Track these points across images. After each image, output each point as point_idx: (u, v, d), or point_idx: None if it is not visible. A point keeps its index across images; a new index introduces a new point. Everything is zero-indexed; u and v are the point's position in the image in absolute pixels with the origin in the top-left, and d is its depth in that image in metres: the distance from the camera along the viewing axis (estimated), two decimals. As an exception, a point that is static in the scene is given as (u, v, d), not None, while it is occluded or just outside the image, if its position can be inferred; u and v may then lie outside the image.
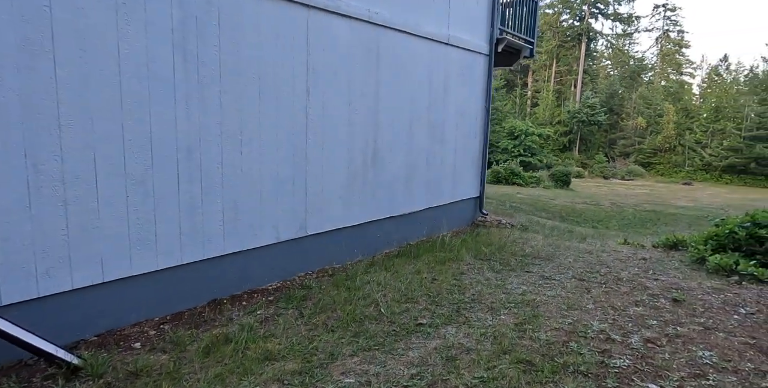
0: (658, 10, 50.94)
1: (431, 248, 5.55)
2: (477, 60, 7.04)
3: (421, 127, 6.06)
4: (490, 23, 7.14)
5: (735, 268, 4.71)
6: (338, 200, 5.00)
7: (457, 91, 6.70)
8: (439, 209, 6.59)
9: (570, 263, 5.02)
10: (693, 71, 51.50)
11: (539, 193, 16.50)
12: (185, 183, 3.65)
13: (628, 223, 10.50)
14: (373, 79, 5.24)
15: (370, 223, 5.43)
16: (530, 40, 8.35)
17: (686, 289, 4.04)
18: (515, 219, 7.91)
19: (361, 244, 5.32)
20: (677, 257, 5.51)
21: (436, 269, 4.64)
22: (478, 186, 7.47)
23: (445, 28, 6.24)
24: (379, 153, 5.45)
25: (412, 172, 6.00)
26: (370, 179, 5.36)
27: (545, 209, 11.59)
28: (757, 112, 34.72)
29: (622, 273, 4.56)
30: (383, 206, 5.60)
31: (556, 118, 43.77)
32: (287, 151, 4.39)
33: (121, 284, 3.37)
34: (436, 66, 6.19)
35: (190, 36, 3.54)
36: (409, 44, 5.67)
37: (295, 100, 4.41)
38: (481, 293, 3.95)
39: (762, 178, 33.20)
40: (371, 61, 5.18)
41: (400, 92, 5.64)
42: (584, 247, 5.97)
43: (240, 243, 4.09)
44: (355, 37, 4.93)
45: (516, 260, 5.08)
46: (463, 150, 7.00)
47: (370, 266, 4.81)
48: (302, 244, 4.68)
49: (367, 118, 5.23)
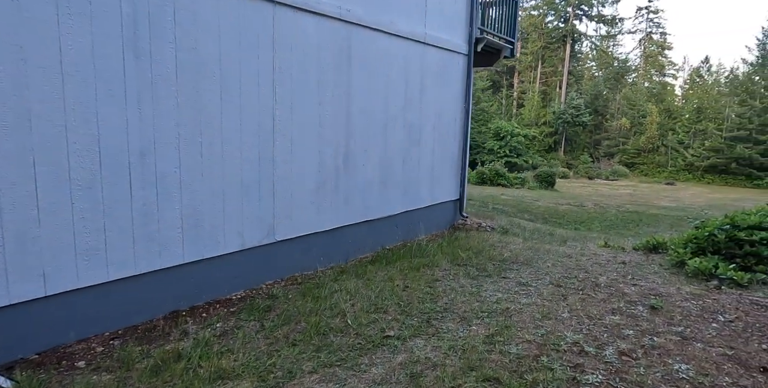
0: (641, 12, 51.54)
1: (407, 253, 5.38)
2: (455, 60, 6.90)
3: (396, 128, 5.90)
4: (469, 22, 7.01)
5: (714, 272, 4.62)
6: (309, 205, 4.81)
7: (434, 91, 6.55)
8: (416, 212, 6.43)
9: (548, 267, 4.89)
10: (675, 73, 52.23)
11: (523, 194, 16.46)
12: (139, 189, 3.43)
13: (610, 224, 10.46)
14: (345, 79, 5.06)
15: (342, 228, 5.25)
16: (510, 40, 8.24)
17: (665, 295, 3.92)
18: (496, 222, 7.79)
19: (333, 250, 5.14)
20: (657, 260, 5.42)
21: (410, 276, 4.48)
22: (458, 188, 7.33)
23: (422, 27, 6.08)
24: (352, 156, 5.27)
25: (387, 175, 5.83)
26: (342, 183, 5.18)
27: (528, 210, 11.50)
28: (738, 113, 35.25)
29: (600, 278, 4.43)
30: (357, 210, 5.42)
31: (541, 119, 44.02)
32: (253, 154, 4.19)
33: (67, 297, 3.14)
34: (412, 66, 6.03)
35: (142, 32, 3.33)
36: (383, 43, 5.51)
37: (261, 100, 4.21)
38: (454, 302, 3.79)
39: (742, 178, 33.68)
40: (343, 60, 5.00)
41: (374, 93, 5.47)
42: (564, 250, 5.85)
43: (201, 251, 3.88)
44: (325, 35, 4.75)
45: (493, 266, 4.93)
46: (441, 152, 6.85)
47: (342, 273, 4.63)
48: (270, 251, 4.48)
49: (339, 120, 5.05)
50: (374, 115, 5.52)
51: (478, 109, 40.21)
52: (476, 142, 36.87)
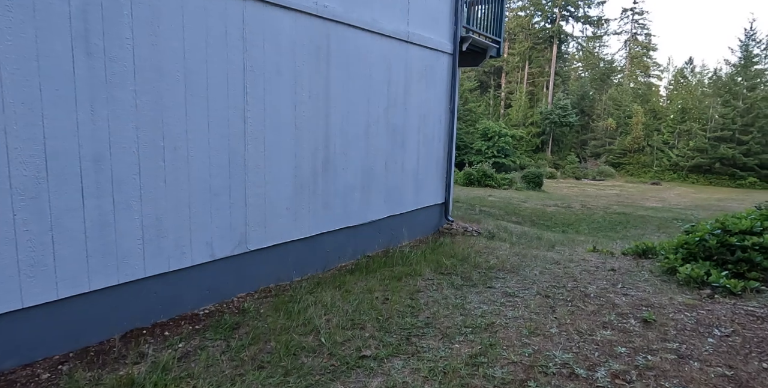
0: (626, 14, 52.04)
1: (389, 261, 5.15)
2: (440, 59, 6.68)
3: (379, 130, 5.66)
4: (454, 21, 6.80)
5: (706, 279, 4.46)
6: (284, 212, 4.55)
7: (418, 92, 6.33)
8: (400, 217, 6.20)
9: (536, 275, 4.69)
10: (660, 73, 52.81)
11: (511, 195, 16.33)
12: (92, 198, 3.14)
13: (598, 226, 10.34)
14: (323, 79, 4.81)
15: (321, 235, 4.99)
16: (497, 40, 8.05)
17: (657, 306, 3.74)
18: (483, 225, 7.60)
19: (311, 259, 4.88)
20: (647, 266, 5.26)
21: (391, 287, 4.24)
22: (443, 192, 7.12)
23: (405, 25, 5.85)
24: (332, 159, 5.02)
25: (369, 179, 5.59)
26: (321, 188, 4.93)
27: (516, 212, 11.35)
28: (721, 113, 35.67)
29: (589, 288, 4.24)
30: (337, 216, 5.17)
31: (529, 119, 44.16)
32: (222, 159, 3.92)
33: (9, 318, 2.85)
34: (395, 65, 5.80)
35: (94, 27, 3.05)
36: (364, 41, 5.27)
37: (231, 102, 3.94)
38: (436, 316, 3.56)
39: (726, 178, 34.09)
40: (321, 59, 4.75)
41: (354, 93, 5.22)
42: (552, 256, 5.67)
43: (165, 264, 3.60)
44: (301, 32, 4.49)
45: (479, 274, 4.72)
46: (426, 154, 6.63)
47: (319, 284, 4.38)
48: (242, 261, 4.21)
49: (317, 122, 4.80)
50: (355, 116, 5.27)
51: (466, 110, 40.18)
52: (464, 143, 36.82)
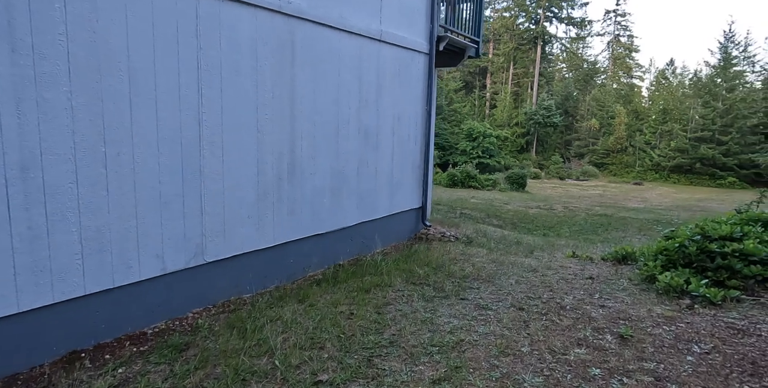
0: (609, 16, 52.53)
1: (359, 270, 4.91)
2: (415, 59, 6.47)
3: (350, 133, 5.42)
4: (430, 19, 6.59)
5: (686, 288, 4.30)
6: (246, 220, 4.28)
7: (393, 92, 6.10)
8: (374, 223, 5.97)
9: (511, 285, 4.50)
10: (642, 75, 53.44)
11: (494, 196, 16.21)
12: (21, 209, 2.85)
13: (579, 229, 10.23)
14: (288, 79, 4.55)
15: (287, 244, 4.74)
16: (475, 40, 7.86)
17: (635, 319, 3.57)
18: (461, 230, 7.40)
19: (275, 269, 4.62)
20: (626, 273, 5.10)
21: (358, 300, 4.00)
22: (420, 196, 6.90)
23: (377, 23, 5.62)
24: (298, 164, 4.77)
25: (340, 184, 5.34)
26: (287, 194, 4.67)
27: (497, 215, 11.20)
28: (701, 114, 36.14)
29: (565, 299, 4.06)
30: (304, 223, 4.92)
31: (513, 119, 44.30)
32: (174, 165, 3.65)
33: None
34: (367, 64, 5.57)
35: (19, 20, 2.76)
36: (333, 39, 5.02)
37: (183, 104, 3.66)
38: (402, 332, 3.34)
39: (706, 178, 34.55)
40: (285, 58, 4.49)
41: (322, 94, 4.98)
42: (530, 263, 5.48)
43: (108, 279, 3.32)
44: (262, 29, 4.23)
45: (452, 284, 4.51)
46: (401, 157, 6.40)
47: (282, 297, 4.12)
48: (198, 274, 3.93)
49: (282, 125, 4.54)
50: (324, 119, 5.02)
51: (451, 110, 40.13)
52: (449, 143, 36.78)
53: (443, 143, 36.37)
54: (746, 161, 33.25)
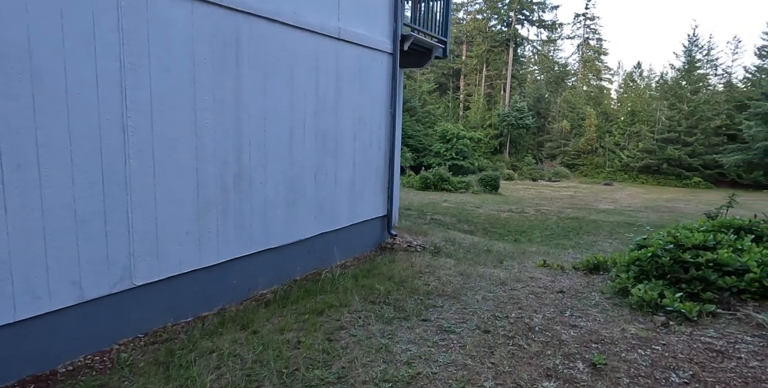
0: (578, 19, 53.44)
1: (315, 287, 4.52)
2: (378, 59, 6.12)
3: (305, 138, 5.02)
4: (393, 17, 6.26)
5: (660, 301, 4.07)
6: (185, 237, 3.84)
7: (354, 94, 5.74)
8: (334, 234, 5.58)
9: (477, 302, 4.18)
10: (611, 77, 54.50)
11: (466, 199, 16.02)
12: None
13: (551, 233, 10.07)
14: (233, 80, 4.13)
15: (234, 261, 4.31)
16: (443, 39, 7.58)
17: (608, 341, 3.29)
18: (429, 238, 7.09)
19: (220, 290, 4.19)
20: (598, 285, 4.86)
21: (308, 324, 3.62)
22: (385, 204, 6.56)
23: (335, 20, 5.25)
24: (246, 173, 4.35)
25: (295, 194, 4.94)
26: (233, 207, 4.25)
27: (468, 219, 10.95)
28: (668, 116, 37.00)
29: (534, 318, 3.76)
30: (255, 237, 4.50)
31: (487, 121, 44.50)
32: (92, 178, 3.19)
33: None
34: (324, 65, 5.19)
35: None
36: (285, 37, 4.63)
37: (103, 107, 3.21)
38: (353, 365, 2.97)
39: (673, 178, 35.38)
40: (229, 57, 4.08)
41: (274, 97, 4.57)
42: (499, 274, 5.19)
43: (9, 313, 2.84)
44: (201, 24, 3.80)
45: (415, 302, 4.17)
46: (363, 163, 6.04)
47: (223, 323, 3.70)
48: (126, 300, 3.48)
49: (225, 131, 4.11)
50: (275, 123, 4.62)
51: (425, 112, 40.00)
52: (423, 145, 36.61)
53: (417, 145, 36.19)
54: (710, 162, 34.18)
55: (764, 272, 4.21)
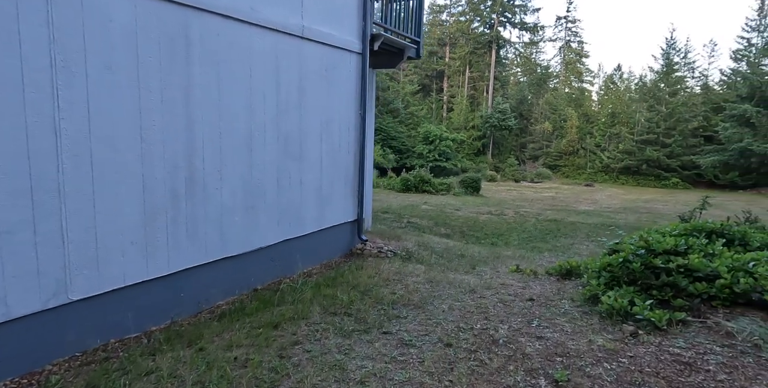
0: (560, 22, 53.94)
1: (274, 298, 4.30)
2: (346, 59, 5.92)
3: (266, 141, 4.80)
4: (362, 16, 6.07)
5: (630, 309, 3.95)
6: (130, 247, 3.59)
7: (319, 95, 5.53)
8: (299, 240, 5.36)
9: (443, 312, 4.01)
10: (592, 79, 55.11)
11: (447, 201, 15.90)
12: None
13: (528, 236, 9.98)
14: (183, 79, 3.90)
15: (188, 271, 4.07)
16: (416, 40, 7.42)
17: (573, 355, 3.14)
18: (402, 243, 6.91)
19: (171, 302, 3.95)
20: (569, 291, 4.73)
21: (261, 339, 3.40)
22: (355, 208, 6.36)
23: (298, 18, 5.04)
24: (199, 178, 4.11)
25: (255, 199, 4.72)
26: (185, 213, 4.01)
27: (446, 222, 10.81)
28: (647, 117, 37.51)
29: (500, 329, 3.60)
30: (211, 245, 4.26)
31: (470, 122, 44.64)
32: (18, 184, 2.93)
33: None
34: (287, 64, 4.97)
35: None
36: (242, 35, 4.40)
37: (30, 108, 2.96)
38: (302, 385, 2.76)
39: (652, 179, 35.85)
40: (178, 54, 3.84)
41: (230, 97, 4.34)
42: (469, 281, 5.03)
43: None
44: (145, 19, 3.57)
45: (378, 312, 3.98)
46: (331, 167, 5.84)
47: (169, 339, 3.46)
48: (61, 316, 3.22)
49: (176, 133, 3.88)
50: (232, 125, 4.39)
51: (408, 113, 39.96)
52: (406, 147, 36.53)
53: (400, 147, 36.11)
54: (688, 163, 34.72)
55: (735, 277, 4.12)
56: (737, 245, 5.12)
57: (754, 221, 6.95)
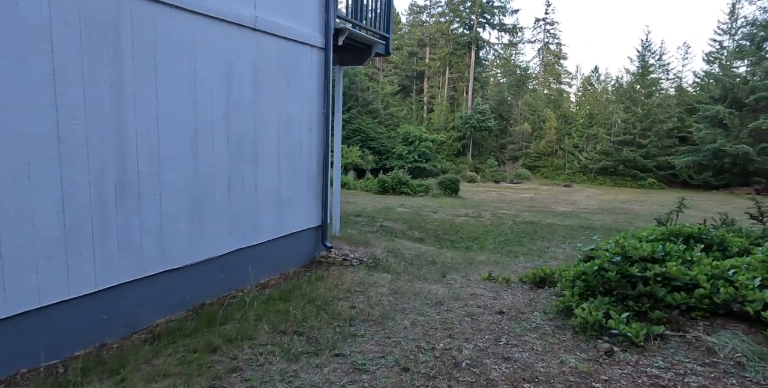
0: (539, 24, 54.41)
1: (220, 315, 3.89)
2: (307, 54, 5.55)
3: (215, 142, 4.39)
4: (324, 9, 5.70)
5: (605, 323, 3.67)
6: (45, 262, 3.15)
7: (276, 93, 5.14)
8: (254, 249, 4.96)
9: (405, 328, 3.67)
10: (570, 81, 55.72)
11: (424, 203, 15.62)
12: None
13: (504, 239, 9.73)
14: (112, 73, 3.47)
15: (121, 287, 3.63)
16: (384, 35, 7.09)
17: (542, 379, 2.82)
18: (371, 249, 6.55)
19: (100, 323, 3.51)
20: (542, 301, 4.45)
21: (194, 366, 3.00)
22: (319, 213, 5.98)
23: (250, 9, 4.65)
24: (134, 183, 3.68)
25: (202, 206, 4.30)
26: (117, 223, 3.57)
27: (421, 226, 10.50)
28: (623, 118, 37.97)
29: (464, 349, 3.27)
30: (149, 258, 3.84)
31: (450, 123, 44.60)
32: None
33: None
34: (238, 58, 4.57)
35: None
36: (184, 24, 3.99)
37: None
38: (232, 425, 2.38)
39: (629, 179, 36.29)
40: (105, 45, 3.41)
41: (170, 94, 3.92)
42: (437, 291, 4.71)
43: None
44: (62, 5, 3.13)
45: (333, 330, 3.61)
46: (291, 169, 5.45)
47: (88, 368, 3.03)
48: (-46, 345, 2.77)
49: (103, 133, 3.44)
50: (173, 125, 3.97)
51: (387, 114, 39.71)
52: (386, 148, 36.26)
53: (379, 148, 35.81)
54: (663, 163, 35.24)
55: (714, 286, 3.88)
56: (716, 251, 4.91)
57: (731, 223, 6.79)
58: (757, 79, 30.03)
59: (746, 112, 30.62)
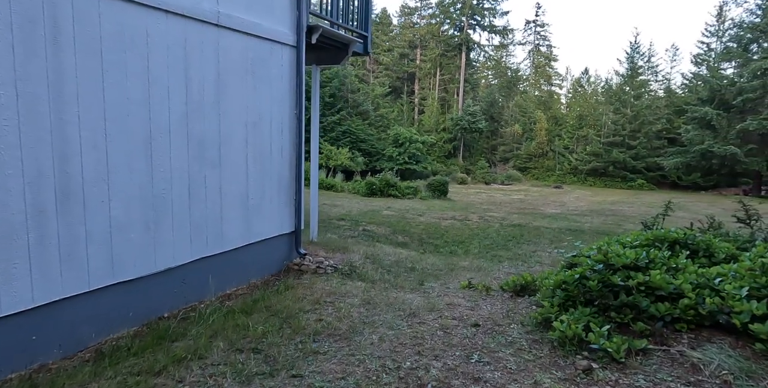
0: (529, 26, 54.56)
1: (175, 331, 3.61)
2: (277, 52, 5.29)
3: (174, 145, 4.12)
4: (296, 5, 5.45)
5: (585, 337, 3.44)
6: (-29, 277, 2.87)
7: (244, 93, 4.88)
8: (219, 258, 4.69)
9: (372, 344, 3.42)
10: (560, 82, 55.89)
11: (412, 206, 15.38)
12: None
13: (490, 243, 9.51)
14: (50, 69, 3.20)
15: (63, 302, 3.35)
16: (363, 34, 6.85)
17: (513, 403, 2.59)
18: (348, 255, 6.29)
19: (39, 342, 3.22)
20: (521, 312, 4.22)
21: (134, 392, 2.73)
22: (292, 218, 5.71)
23: (212, 3, 4.38)
24: (77, 189, 3.41)
25: (160, 213, 4.03)
26: (57, 233, 3.29)
27: (405, 230, 10.25)
28: (613, 120, 38.04)
29: (431, 368, 3.02)
30: (96, 270, 3.56)
31: (441, 125, 44.45)
32: None
33: None
34: (198, 55, 4.31)
35: None
36: (134, 18, 3.72)
37: None
38: (161, 463, 2.11)
39: (618, 180, 36.33)
40: (41, 39, 3.14)
41: (119, 93, 3.65)
42: (412, 301, 4.46)
43: None
44: (-12, -6, 2.86)
45: (294, 347, 3.35)
46: (260, 173, 5.18)
47: (13, 395, 2.75)
48: None
49: (39, 134, 3.17)
50: (123, 126, 3.70)
51: (378, 115, 39.46)
52: (376, 150, 35.99)
53: (369, 149, 35.54)
54: (653, 164, 35.32)
55: (700, 296, 3.68)
56: (702, 257, 4.71)
57: (718, 226, 6.62)
58: (744, 80, 30.14)
59: (734, 114, 30.75)
